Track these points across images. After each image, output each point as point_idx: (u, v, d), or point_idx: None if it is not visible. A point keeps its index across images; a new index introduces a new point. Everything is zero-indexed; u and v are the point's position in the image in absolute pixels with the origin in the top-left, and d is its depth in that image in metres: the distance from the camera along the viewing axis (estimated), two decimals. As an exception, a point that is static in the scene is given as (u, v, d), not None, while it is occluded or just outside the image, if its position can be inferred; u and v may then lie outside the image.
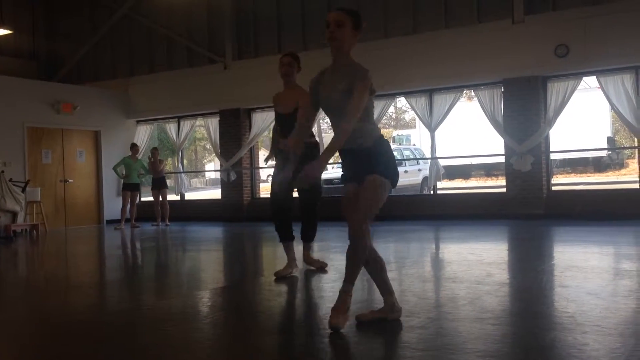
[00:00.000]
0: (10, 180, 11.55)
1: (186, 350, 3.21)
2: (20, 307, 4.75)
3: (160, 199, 12.91)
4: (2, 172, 11.44)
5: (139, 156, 13.46)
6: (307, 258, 5.82)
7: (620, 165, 22.46)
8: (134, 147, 12.99)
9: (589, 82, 17.31)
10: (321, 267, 5.72)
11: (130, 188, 12.67)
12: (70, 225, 13.32)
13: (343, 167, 3.63)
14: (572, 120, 16.33)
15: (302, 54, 12.17)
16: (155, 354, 3.19)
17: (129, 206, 12.63)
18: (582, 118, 18.88)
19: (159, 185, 12.92)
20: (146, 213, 13.47)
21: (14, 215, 11.42)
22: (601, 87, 10.13)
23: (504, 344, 3.11)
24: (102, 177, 13.87)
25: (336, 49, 3.43)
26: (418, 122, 21.95)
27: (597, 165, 22.15)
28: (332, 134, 3.54)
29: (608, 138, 20.81)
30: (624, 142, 25.07)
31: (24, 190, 11.73)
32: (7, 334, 3.83)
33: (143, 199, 14.39)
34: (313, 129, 6.31)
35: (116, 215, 13.48)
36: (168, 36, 14.11)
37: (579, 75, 10.30)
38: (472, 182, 22.21)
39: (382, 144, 3.52)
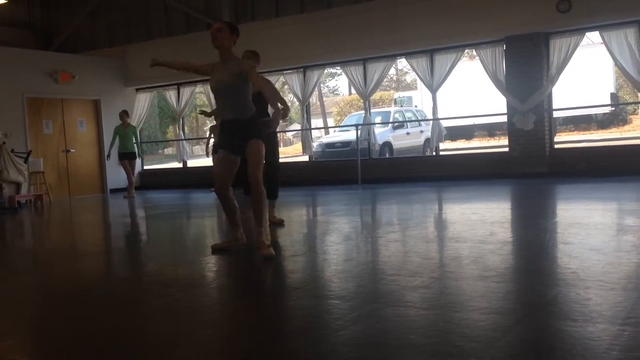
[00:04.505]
0: (12, 151, 11.55)
1: (193, 315, 3.25)
2: (27, 276, 4.80)
3: None
4: (4, 143, 11.43)
5: (135, 123, 13.25)
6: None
7: (624, 121, 22.32)
8: (123, 114, 12.48)
9: (592, 37, 17.10)
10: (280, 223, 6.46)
11: (124, 157, 12.40)
12: (74, 195, 13.37)
13: (225, 136, 4.82)
14: (575, 77, 16.14)
15: (300, 17, 12.14)
16: (162, 320, 3.23)
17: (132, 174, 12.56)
18: (585, 75, 18.66)
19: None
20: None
21: (18, 186, 11.46)
22: (604, 42, 9.99)
23: (507, 300, 3.14)
24: (104, 146, 13.82)
25: (218, 47, 4.75)
26: (419, 83, 21.75)
27: (601, 122, 22.01)
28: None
29: (611, 94, 20.60)
30: (627, 98, 24.84)
31: (26, 161, 11.74)
32: (15, 302, 3.88)
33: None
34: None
35: (119, 184, 13.52)
36: (164, 2, 13.90)
37: (582, 30, 10.15)
38: (475, 143, 22.12)
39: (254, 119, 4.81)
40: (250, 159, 4.68)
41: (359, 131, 12.14)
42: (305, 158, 13.31)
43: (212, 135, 12.53)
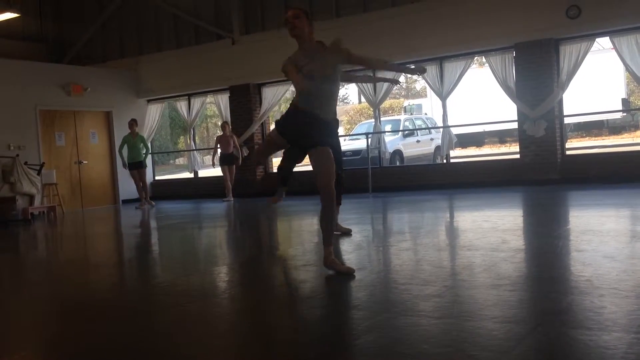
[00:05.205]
0: (26, 163, 11.66)
1: (205, 325, 3.25)
2: (40, 287, 4.83)
3: (228, 174, 12.42)
4: (17, 155, 11.54)
5: (146, 134, 13.27)
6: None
7: (636, 126, 22.16)
8: (133, 123, 12.43)
9: (602, 43, 17.02)
10: (345, 233, 5.98)
11: (133, 167, 12.36)
12: (86, 207, 13.46)
13: (303, 131, 4.18)
14: (585, 82, 16.08)
15: (310, 26, 12.16)
16: (174, 331, 3.24)
17: (141, 184, 12.55)
18: (596, 80, 18.57)
19: (228, 161, 12.35)
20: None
21: (31, 198, 11.55)
22: (615, 47, 9.95)
23: (520, 309, 3.12)
24: (116, 158, 13.91)
25: (297, 36, 4.19)
26: (429, 90, 21.71)
27: (612, 127, 21.87)
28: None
29: (623, 100, 20.46)
30: (639, 103, 24.68)
31: (39, 173, 11.84)
32: (29, 313, 3.90)
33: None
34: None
35: (131, 195, 13.60)
36: (175, 14, 14.02)
37: (592, 36, 10.11)
38: (486, 150, 22.05)
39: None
40: (323, 166, 4.14)
41: (369, 140, 12.14)
42: (316, 167, 13.29)
43: (219, 146, 12.59)
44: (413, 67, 4.51)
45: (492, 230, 5.66)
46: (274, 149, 4.58)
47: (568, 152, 10.77)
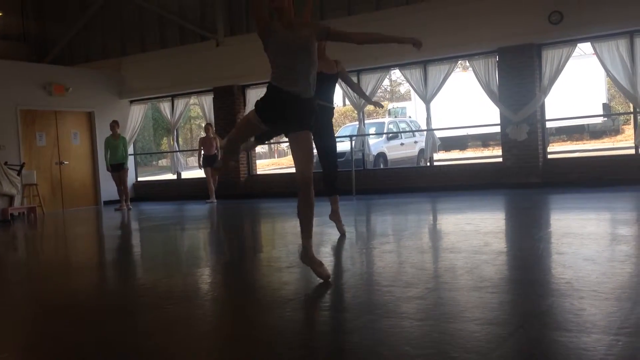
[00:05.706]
0: (6, 163, 11.51)
1: (187, 327, 3.23)
2: (20, 289, 4.77)
3: (211, 176, 12.29)
4: (-3, 156, 11.40)
5: (129, 135, 13.14)
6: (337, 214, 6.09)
7: (616, 131, 22.44)
8: (114, 124, 12.34)
9: (584, 48, 17.24)
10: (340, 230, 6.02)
11: (115, 169, 12.24)
12: (67, 208, 13.31)
13: (289, 114, 3.91)
14: (567, 87, 16.25)
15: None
16: (156, 332, 3.21)
17: (122, 187, 12.39)
18: (578, 85, 18.79)
19: (211, 163, 12.14)
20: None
21: (11, 198, 11.40)
22: (596, 53, 10.08)
23: (502, 311, 3.14)
24: (98, 158, 13.81)
25: (279, 8, 3.89)
26: (413, 94, 21.81)
27: (593, 132, 22.13)
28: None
29: (604, 104, 20.72)
30: (619, 108, 24.98)
31: (19, 174, 11.70)
32: (8, 315, 3.85)
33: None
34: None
35: (112, 197, 13.48)
36: (159, 14, 13.95)
37: (574, 41, 10.23)
38: (469, 153, 22.18)
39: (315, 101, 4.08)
40: (300, 152, 3.97)
41: (353, 142, 12.16)
42: (300, 169, 13.28)
43: (202, 148, 12.53)
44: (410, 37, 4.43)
45: (475, 233, 5.69)
46: (248, 132, 4.17)
47: (549, 156, 10.87)
